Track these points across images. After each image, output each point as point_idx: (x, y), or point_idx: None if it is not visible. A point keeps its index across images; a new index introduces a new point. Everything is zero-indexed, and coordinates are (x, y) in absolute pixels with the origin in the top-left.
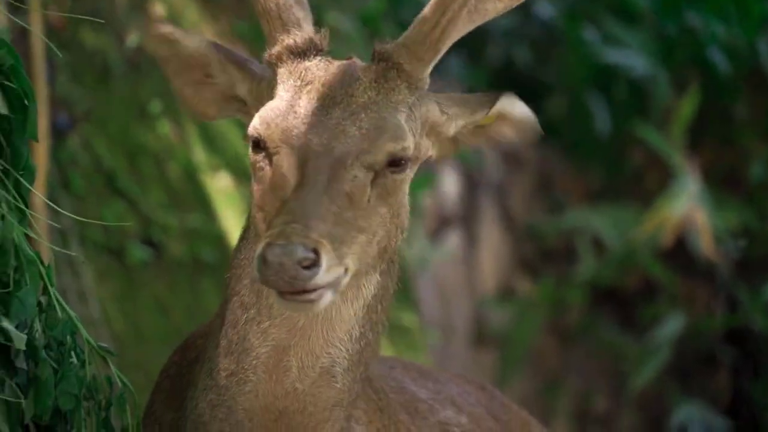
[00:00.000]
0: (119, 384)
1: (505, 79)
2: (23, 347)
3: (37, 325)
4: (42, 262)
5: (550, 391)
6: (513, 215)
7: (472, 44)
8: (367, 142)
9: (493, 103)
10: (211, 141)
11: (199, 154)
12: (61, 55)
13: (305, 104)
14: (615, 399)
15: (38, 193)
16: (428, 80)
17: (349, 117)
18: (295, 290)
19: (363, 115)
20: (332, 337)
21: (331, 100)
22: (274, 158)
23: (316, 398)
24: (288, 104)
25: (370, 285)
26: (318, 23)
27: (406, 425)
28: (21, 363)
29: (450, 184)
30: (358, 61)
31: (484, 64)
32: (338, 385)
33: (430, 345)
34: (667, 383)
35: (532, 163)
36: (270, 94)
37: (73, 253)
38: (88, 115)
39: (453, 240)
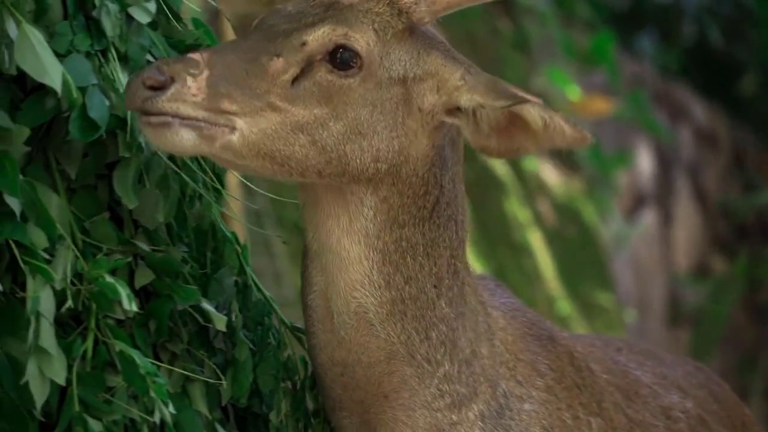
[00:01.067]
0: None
1: (698, 58)
2: (223, 328)
3: (235, 306)
4: (238, 243)
5: (744, 368)
6: (707, 193)
7: (665, 24)
8: (305, 26)
9: (518, 99)
10: None
11: None
12: None
13: (298, 3)
14: None
15: (235, 173)
16: (424, 15)
17: (315, 12)
18: (143, 110)
19: (328, 12)
20: (350, 279)
21: (320, 2)
22: None
23: (365, 348)
24: (287, 4)
25: (363, 219)
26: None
27: (621, 407)
28: (219, 344)
29: (645, 162)
30: None
31: (677, 43)
32: (382, 335)
33: (627, 323)
34: None
35: (725, 140)
36: None
37: (271, 233)
38: None
39: (648, 218)
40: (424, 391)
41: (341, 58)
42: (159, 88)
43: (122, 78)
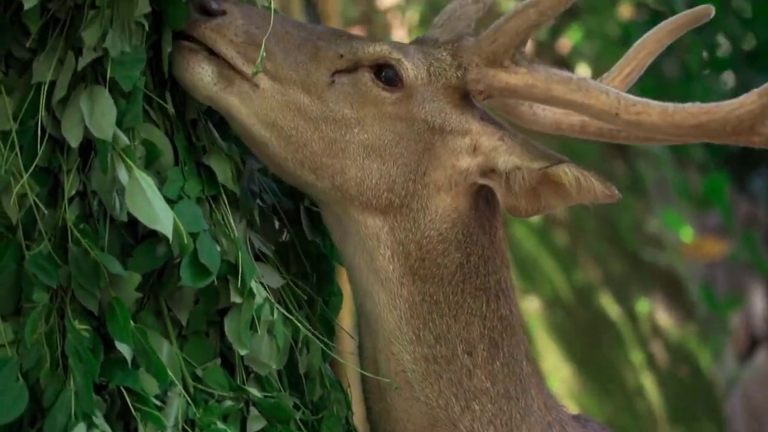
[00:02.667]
0: None
1: None
2: None
3: None
4: (343, 390)
5: None
6: None
7: None
8: (372, 40)
9: (554, 160)
10: (521, 264)
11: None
12: None
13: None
14: None
15: (339, 324)
16: (480, 79)
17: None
18: (185, 32)
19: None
20: (386, 330)
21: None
22: None
23: (409, 414)
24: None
25: (381, 258)
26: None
27: None
28: None
29: (758, 303)
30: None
31: None
32: (422, 398)
33: None
34: None
35: None
36: None
37: (383, 378)
38: None
39: (762, 358)
40: None
41: (386, 75)
42: (211, 16)
43: (233, 223)
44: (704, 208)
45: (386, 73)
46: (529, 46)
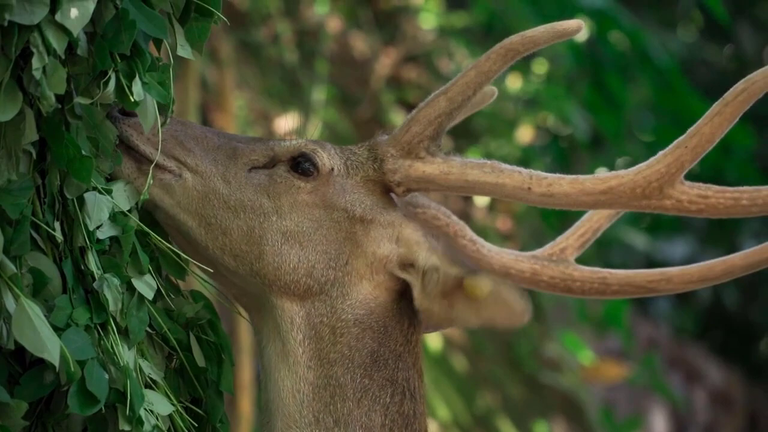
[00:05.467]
0: None
1: (714, 320)
2: None
3: None
4: None
5: None
6: None
7: None
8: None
9: (472, 269)
10: None
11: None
12: None
13: None
14: None
15: None
16: (397, 169)
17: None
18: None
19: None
20: (285, 415)
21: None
22: None
23: None
24: None
25: (293, 341)
26: None
27: None
28: None
29: (659, 425)
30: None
31: (693, 304)
32: None
33: None
34: None
35: (740, 402)
36: None
37: None
38: None
39: None
40: None
41: (302, 167)
42: (129, 116)
43: (122, 351)
44: (604, 330)
45: (302, 164)
46: None
